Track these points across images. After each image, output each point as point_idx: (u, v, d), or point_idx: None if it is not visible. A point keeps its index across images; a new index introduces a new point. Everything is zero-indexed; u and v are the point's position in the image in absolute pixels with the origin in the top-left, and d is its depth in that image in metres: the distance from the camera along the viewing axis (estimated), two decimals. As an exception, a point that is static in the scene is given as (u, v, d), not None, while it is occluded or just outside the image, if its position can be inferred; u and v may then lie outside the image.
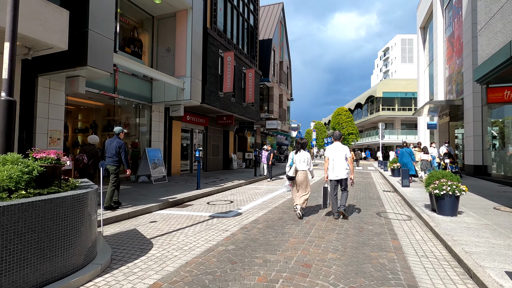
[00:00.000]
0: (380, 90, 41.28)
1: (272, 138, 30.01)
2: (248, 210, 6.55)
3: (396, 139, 40.96)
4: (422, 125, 23.51)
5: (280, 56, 24.69)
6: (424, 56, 23.88)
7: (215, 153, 16.31)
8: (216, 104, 12.78)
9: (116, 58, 8.30)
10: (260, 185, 11.71)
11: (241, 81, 15.60)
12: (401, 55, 60.88)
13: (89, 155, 6.36)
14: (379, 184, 12.00)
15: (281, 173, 16.70)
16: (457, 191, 5.38)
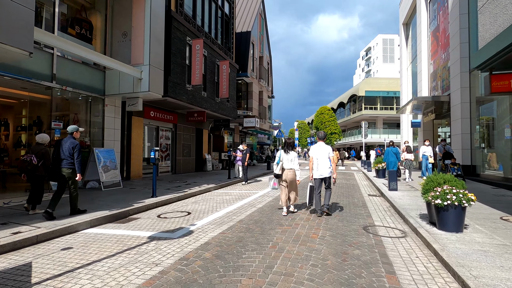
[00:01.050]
0: (363, 89, 40.94)
1: (253, 137, 28.70)
2: (203, 226, 5.16)
3: (379, 138, 40.75)
4: (405, 124, 22.91)
5: (260, 51, 23.41)
6: (407, 53, 23.31)
7: (186, 153, 14.78)
8: (183, 98, 11.28)
9: (50, 38, 6.69)
10: (232, 189, 10.33)
11: (214, 74, 14.15)
12: (382, 55, 61.28)
13: (39, 155, 5.56)
14: (363, 187, 10.93)
15: (259, 175, 15.39)
16: (464, 201, 4.23)
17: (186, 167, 14.80)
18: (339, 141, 43.16)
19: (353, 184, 11.66)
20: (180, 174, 13.96)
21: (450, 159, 8.55)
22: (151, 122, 12.36)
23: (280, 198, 6.21)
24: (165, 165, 13.55)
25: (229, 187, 10.99)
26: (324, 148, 5.84)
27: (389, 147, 12.70)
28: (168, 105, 12.36)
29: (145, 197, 7.61)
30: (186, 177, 12.67)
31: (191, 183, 10.76)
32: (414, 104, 15.91)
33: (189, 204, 7.44)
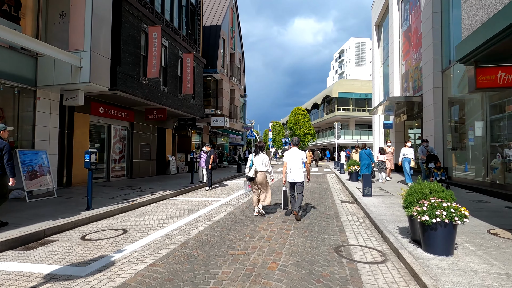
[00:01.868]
0: (336, 91, 41.17)
1: (225, 138, 27.46)
2: (133, 252, 3.96)
3: (351, 139, 41.17)
4: (377, 125, 22.90)
5: (232, 47, 22.28)
6: (378, 55, 23.34)
7: (145, 155, 13.28)
8: (137, 93, 9.88)
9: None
10: (192, 196, 9.12)
11: (177, 67, 12.82)
12: (355, 57, 62.59)
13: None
14: (336, 191, 10.19)
15: (227, 178, 14.26)
16: (456, 217, 3.42)
17: (145, 170, 13.31)
18: (313, 142, 43.09)
19: (325, 188, 10.90)
20: (137, 179, 12.46)
21: (434, 162, 7.70)
22: (101, 120, 10.79)
23: (252, 200, 6.46)
24: (119, 168, 11.99)
25: (189, 193, 9.76)
26: (297, 154, 5.97)
27: (362, 149, 12.63)
28: (121, 101, 10.87)
29: (78, 210, 6.21)
30: (142, 182, 11.24)
31: (145, 190, 9.40)
32: (386, 106, 15.61)
33: (131, 217, 6.16)
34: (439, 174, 7.34)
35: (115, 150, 11.76)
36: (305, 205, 7.35)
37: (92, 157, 6.36)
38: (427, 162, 7.83)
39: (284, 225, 5.36)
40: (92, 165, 6.37)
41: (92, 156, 6.36)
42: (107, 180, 11.27)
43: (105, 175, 11.26)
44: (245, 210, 6.79)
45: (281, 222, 5.59)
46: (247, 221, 5.69)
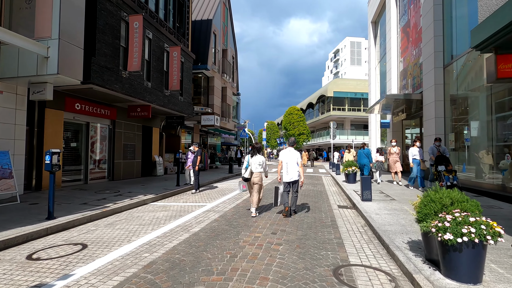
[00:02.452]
0: (331, 90, 40.62)
1: (218, 138, 26.63)
2: (82, 279, 3.16)
3: (346, 139, 40.64)
4: (374, 124, 22.30)
5: (224, 43, 21.46)
6: (375, 52, 22.74)
7: (128, 155, 12.41)
8: (116, 87, 9.02)
9: None
10: (175, 201, 8.31)
11: (162, 61, 11.97)
12: (350, 57, 62.21)
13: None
14: (332, 195, 9.47)
15: (217, 180, 13.46)
16: (488, 236, 2.70)
17: (129, 171, 12.44)
18: (307, 142, 42.46)
19: (320, 191, 10.18)
20: (119, 181, 11.59)
21: (445, 164, 6.79)
22: (77, 117, 9.91)
23: (250, 200, 6.42)
24: (99, 169, 11.11)
25: (173, 197, 8.94)
26: (293, 153, 6.16)
27: (361, 148, 12.10)
28: (100, 96, 10.00)
29: (37, 220, 5.37)
30: (124, 185, 10.38)
31: (124, 194, 8.56)
32: (383, 104, 14.98)
33: (99, 227, 5.34)
34: (450, 178, 6.52)
35: (94, 150, 10.88)
36: (299, 211, 6.61)
37: (54, 158, 5.52)
38: (437, 164, 7.03)
39: (273, 238, 4.61)
40: (54, 168, 5.53)
41: (54, 157, 5.52)
42: (84, 182, 10.39)
43: (82, 177, 10.38)
44: (230, 218, 6.02)
45: (270, 234, 4.83)
46: (231, 233, 4.92)
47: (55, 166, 5.55)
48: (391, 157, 10.62)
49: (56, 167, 5.59)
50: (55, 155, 5.56)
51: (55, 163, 5.55)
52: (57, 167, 5.58)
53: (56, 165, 5.56)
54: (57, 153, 5.61)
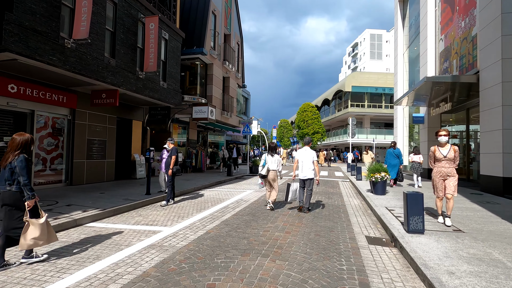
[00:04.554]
0: (349, 84, 37.18)
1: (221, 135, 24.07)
2: None
3: (365, 138, 37.13)
4: (401, 120, 19.03)
5: (226, 27, 18.81)
6: (403, 37, 19.43)
7: (95, 154, 9.99)
8: (54, 60, 6.54)
9: None
10: (126, 220, 5.73)
11: (135, 35, 9.45)
12: (370, 50, 58.02)
13: None
14: (355, 213, 6.58)
15: (208, 185, 10.82)
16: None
17: (96, 174, 10.02)
18: (323, 141, 39.21)
19: (338, 206, 7.30)
20: (80, 186, 9.19)
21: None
22: (13, 103, 7.52)
23: (267, 195, 6.79)
24: (51, 172, 8.74)
25: (129, 213, 6.37)
26: (309, 153, 6.45)
27: (390, 148, 10.12)
28: (45, 76, 7.58)
29: None
30: (77, 192, 7.93)
31: (58, 207, 6.08)
32: (416, 94, 11.88)
33: None
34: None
35: (43, 146, 8.50)
36: (303, 251, 3.83)
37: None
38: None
39: None
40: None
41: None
42: (27, 188, 8.00)
43: (25, 182, 7.99)
44: (181, 263, 3.34)
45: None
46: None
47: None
48: (438, 165, 5.08)
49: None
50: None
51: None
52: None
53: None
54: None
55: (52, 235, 3.54)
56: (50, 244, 3.93)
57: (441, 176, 5.02)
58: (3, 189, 3.31)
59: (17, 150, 3.35)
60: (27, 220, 3.31)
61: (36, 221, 3.34)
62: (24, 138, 3.41)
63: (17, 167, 3.26)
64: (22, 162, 3.29)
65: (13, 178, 3.29)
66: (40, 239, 3.35)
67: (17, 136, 3.40)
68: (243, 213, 6.44)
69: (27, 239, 3.27)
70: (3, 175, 3.31)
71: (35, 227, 3.32)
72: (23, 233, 3.28)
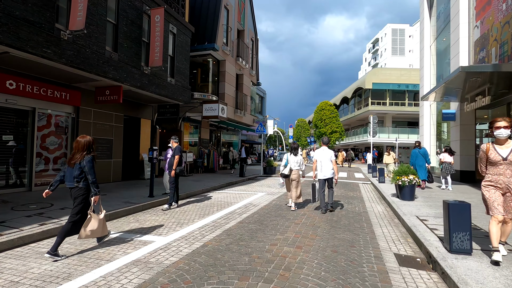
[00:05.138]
0: (370, 81, 35.52)
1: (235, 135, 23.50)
2: None
3: (387, 138, 35.34)
4: (427, 117, 17.61)
5: (240, 22, 18.16)
6: (429, 27, 17.97)
7: (101, 153, 9.62)
8: (49, 53, 6.12)
9: None
10: (121, 225, 5.14)
11: (139, 27, 8.97)
12: (391, 46, 55.50)
13: None
14: (379, 221, 5.67)
15: (217, 187, 10.19)
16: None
17: (102, 174, 9.66)
18: (341, 141, 37.77)
19: (359, 213, 6.40)
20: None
21: None
22: (12, 100, 7.21)
23: (288, 195, 7.00)
24: (54, 172, 8.41)
25: (125, 218, 5.82)
26: (327, 152, 6.50)
27: (416, 148, 9.67)
28: (44, 71, 7.22)
29: None
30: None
31: (52, 211, 5.63)
32: (447, 88, 10.66)
33: None
34: None
35: (46, 145, 8.18)
36: (317, 275, 3.04)
37: None
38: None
39: None
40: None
41: None
42: (28, 189, 7.69)
43: (26, 182, 7.70)
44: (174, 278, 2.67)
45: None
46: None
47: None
48: (492, 171, 3.51)
49: None
50: None
51: None
52: None
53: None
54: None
55: (105, 229, 4.00)
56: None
57: (499, 188, 3.42)
58: (71, 185, 3.74)
59: (84, 151, 3.77)
60: (90, 213, 3.78)
61: (97, 215, 3.85)
62: (86, 140, 3.83)
63: (86, 167, 3.69)
64: (90, 162, 3.73)
65: (81, 176, 3.71)
66: (97, 232, 3.82)
67: (80, 138, 3.83)
68: (250, 220, 5.71)
69: (86, 230, 3.75)
70: (72, 173, 3.74)
71: (95, 220, 3.80)
72: (84, 225, 3.75)
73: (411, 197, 7.45)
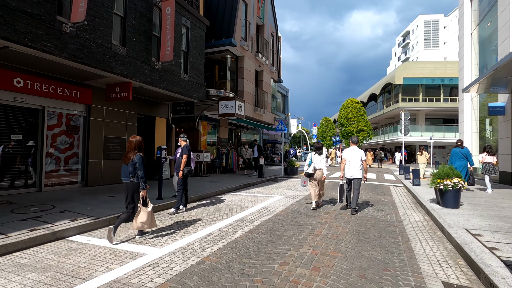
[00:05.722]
0: (400, 76, 33.27)
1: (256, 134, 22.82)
2: None
3: (420, 136, 32.94)
4: (468, 112, 15.78)
5: (259, 16, 17.45)
6: (470, 12, 16.10)
7: (113, 153, 9.36)
8: (49, 47, 5.79)
9: None
10: (120, 232, 4.62)
11: (149, 21, 8.54)
12: (424, 39, 51.91)
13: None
14: (417, 232, 4.68)
15: (231, 189, 9.55)
16: None
17: (115, 175, 9.38)
18: (369, 140, 35.74)
19: (391, 223, 5.40)
20: (96, 187, 8.58)
21: None
22: (20, 98, 7.03)
23: (310, 195, 6.86)
24: (66, 172, 8.22)
25: (121, 225, 5.31)
26: (356, 152, 6.36)
27: (456, 147, 8.73)
28: (48, 67, 6.97)
29: None
30: (84, 196, 7.21)
31: (50, 214, 5.27)
32: (494, 77, 9.23)
33: None
34: None
35: (56, 144, 7.99)
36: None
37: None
38: None
39: None
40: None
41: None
42: (38, 190, 7.51)
43: (36, 182, 7.52)
44: None
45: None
46: None
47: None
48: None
49: None
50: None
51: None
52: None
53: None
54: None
55: (154, 222, 4.32)
56: None
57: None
58: (127, 180, 4.26)
59: (135, 149, 4.23)
60: (139, 206, 4.20)
61: (145, 208, 4.20)
62: (137, 140, 4.31)
63: (137, 163, 4.15)
64: (140, 159, 4.19)
65: (134, 172, 4.19)
66: (145, 224, 4.18)
67: (132, 138, 4.32)
68: (262, 229, 4.96)
69: (137, 222, 4.14)
70: (127, 169, 4.22)
71: (144, 213, 4.16)
72: (135, 217, 4.16)
73: (456, 204, 6.29)
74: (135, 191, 4.26)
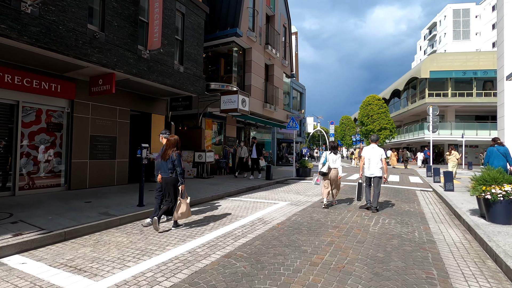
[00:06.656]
0: (426, 69, 30.72)
1: (267, 133, 21.63)
2: None
3: (449, 135, 30.30)
4: (509, 107, 13.72)
5: (269, 6, 16.23)
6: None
7: (101, 153, 8.53)
8: (4, 29, 4.95)
9: None
10: (53, 260, 3.66)
11: (135, 3, 7.56)
12: (453, 30, 48.17)
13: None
14: (457, 260, 3.33)
15: (230, 193, 8.42)
16: None
17: (103, 177, 8.56)
18: (392, 139, 33.39)
19: (420, 244, 4.04)
20: (81, 191, 7.76)
21: None
22: None
23: (322, 193, 6.78)
24: (47, 174, 7.46)
25: (77, 240, 4.34)
26: (376, 150, 6.33)
27: (494, 146, 7.50)
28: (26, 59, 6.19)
29: None
30: (59, 200, 6.37)
31: (2, 224, 4.41)
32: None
33: None
34: None
35: (35, 144, 7.24)
36: None
37: None
38: None
39: None
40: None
41: None
42: (12, 194, 6.78)
43: (11, 185, 6.79)
44: None
45: None
46: None
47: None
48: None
49: None
50: None
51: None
52: None
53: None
54: None
55: (189, 212, 4.74)
56: None
57: None
58: (166, 176, 4.77)
59: (173, 147, 4.77)
60: (180, 199, 4.65)
61: (185, 200, 4.67)
62: (175, 139, 4.86)
63: (176, 160, 4.67)
64: (178, 157, 4.71)
65: (173, 168, 4.69)
66: (184, 215, 4.67)
67: (170, 137, 4.88)
68: (244, 251, 3.79)
69: (178, 213, 4.62)
70: (166, 166, 4.74)
71: (184, 205, 4.63)
72: (176, 209, 4.63)
73: (508, 219, 4.79)
74: (174, 185, 4.75)
